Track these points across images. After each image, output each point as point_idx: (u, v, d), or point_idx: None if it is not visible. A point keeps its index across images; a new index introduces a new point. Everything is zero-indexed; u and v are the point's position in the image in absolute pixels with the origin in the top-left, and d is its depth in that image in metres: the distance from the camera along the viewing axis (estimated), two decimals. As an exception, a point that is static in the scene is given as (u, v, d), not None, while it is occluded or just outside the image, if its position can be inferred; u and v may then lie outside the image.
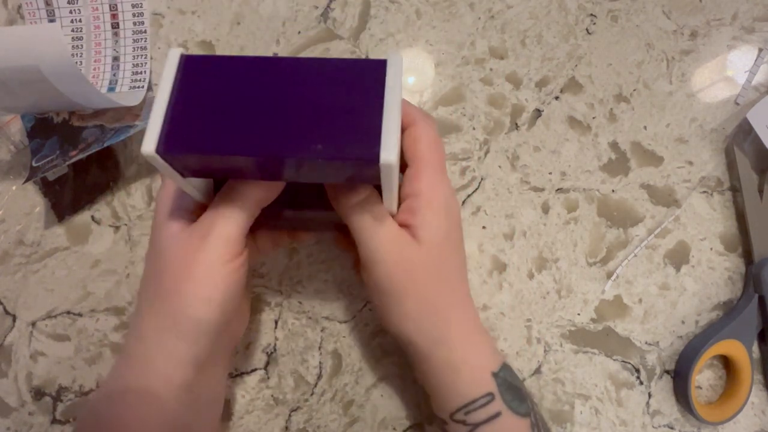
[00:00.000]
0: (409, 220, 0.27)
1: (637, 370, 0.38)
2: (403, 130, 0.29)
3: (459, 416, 0.28)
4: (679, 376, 0.37)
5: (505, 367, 0.30)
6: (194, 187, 0.27)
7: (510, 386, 0.29)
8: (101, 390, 0.29)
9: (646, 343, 0.38)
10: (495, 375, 0.29)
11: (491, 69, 0.39)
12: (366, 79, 0.23)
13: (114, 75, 0.39)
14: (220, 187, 0.27)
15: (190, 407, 0.28)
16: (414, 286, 0.27)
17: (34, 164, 0.37)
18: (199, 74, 0.23)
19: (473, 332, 0.30)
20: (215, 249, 0.26)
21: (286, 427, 0.37)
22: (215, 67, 0.24)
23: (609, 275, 0.38)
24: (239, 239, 0.26)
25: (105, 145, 0.35)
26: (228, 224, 0.26)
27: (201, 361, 0.28)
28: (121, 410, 0.27)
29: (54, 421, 0.37)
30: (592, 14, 0.40)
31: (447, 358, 0.28)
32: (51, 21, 0.38)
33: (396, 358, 0.38)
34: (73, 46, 0.39)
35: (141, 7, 0.39)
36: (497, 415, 0.28)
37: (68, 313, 0.38)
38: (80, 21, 0.39)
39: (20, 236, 0.38)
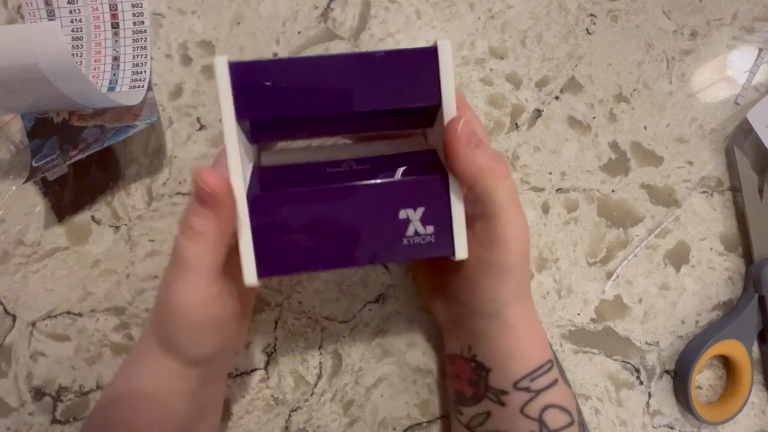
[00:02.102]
0: None
1: (637, 370, 0.38)
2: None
3: (524, 383, 0.28)
4: (679, 376, 0.37)
5: None
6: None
7: (557, 357, 0.31)
8: (110, 390, 0.29)
9: (646, 343, 0.38)
10: (550, 345, 0.31)
11: (491, 69, 0.39)
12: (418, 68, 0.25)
13: (114, 75, 0.39)
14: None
15: (194, 413, 0.29)
16: (525, 267, 0.28)
17: (34, 164, 0.37)
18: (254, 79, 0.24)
19: (534, 307, 0.31)
20: (190, 281, 0.25)
21: (286, 427, 0.37)
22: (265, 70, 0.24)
23: (609, 275, 0.38)
24: (211, 273, 0.26)
25: (105, 145, 0.35)
26: (199, 261, 0.25)
27: (204, 376, 0.29)
28: (129, 413, 0.28)
29: (54, 421, 0.37)
30: (592, 14, 0.40)
31: (523, 331, 0.29)
32: (51, 21, 0.38)
33: (396, 358, 0.38)
34: (73, 46, 0.39)
35: (141, 7, 0.39)
36: (555, 382, 0.29)
37: (68, 313, 0.38)
38: (80, 21, 0.39)
39: (20, 236, 0.38)
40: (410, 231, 0.25)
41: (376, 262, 0.26)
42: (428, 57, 0.24)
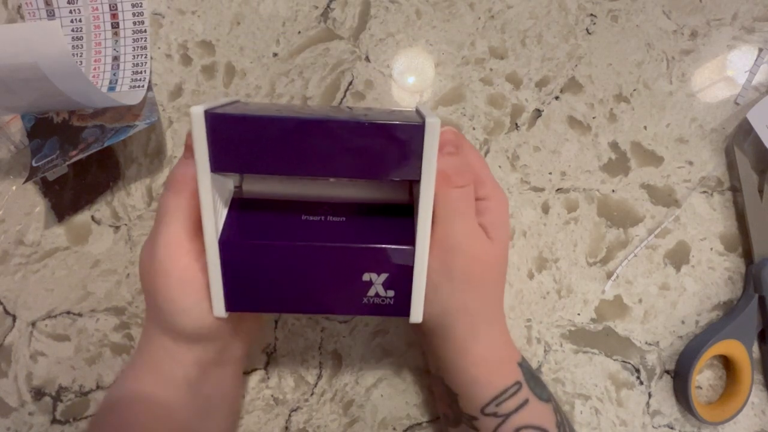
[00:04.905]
0: (481, 220, 0.28)
1: (637, 370, 0.38)
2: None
3: (491, 408, 0.28)
4: (679, 376, 0.37)
5: (524, 358, 0.31)
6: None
7: (532, 374, 0.30)
8: (114, 389, 0.29)
9: (646, 343, 0.38)
10: (519, 364, 0.30)
11: (491, 69, 0.39)
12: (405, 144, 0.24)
13: (114, 75, 0.39)
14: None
15: (198, 408, 0.29)
16: (484, 282, 0.28)
17: (34, 164, 0.37)
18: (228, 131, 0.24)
19: (504, 326, 0.31)
20: (168, 232, 0.26)
21: (286, 427, 0.37)
22: (243, 124, 0.24)
23: (609, 275, 0.38)
24: (189, 225, 0.26)
25: (105, 145, 0.35)
26: (178, 243, 0.26)
27: (205, 361, 0.28)
28: (130, 415, 0.27)
29: (54, 421, 0.37)
30: (592, 14, 0.40)
31: (483, 353, 0.29)
32: (51, 20, 0.38)
33: (396, 358, 0.38)
34: (73, 46, 0.39)
35: (141, 7, 0.39)
36: (525, 402, 0.28)
37: (68, 313, 0.38)
38: (80, 21, 0.39)
39: (20, 236, 0.38)
40: (371, 292, 0.26)
41: (334, 313, 0.27)
42: (414, 133, 0.24)
